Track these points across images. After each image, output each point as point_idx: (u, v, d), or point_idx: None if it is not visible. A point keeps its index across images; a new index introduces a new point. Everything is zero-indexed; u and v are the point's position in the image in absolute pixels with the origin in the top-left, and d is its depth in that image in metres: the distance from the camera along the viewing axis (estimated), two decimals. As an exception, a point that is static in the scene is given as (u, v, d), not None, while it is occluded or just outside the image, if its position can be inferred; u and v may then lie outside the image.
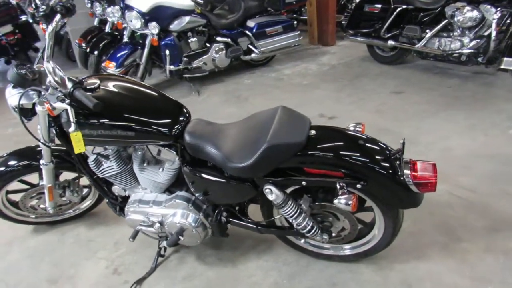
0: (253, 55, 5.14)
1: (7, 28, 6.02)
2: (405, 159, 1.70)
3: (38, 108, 1.80)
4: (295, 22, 5.42)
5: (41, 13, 1.86)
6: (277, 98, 4.42)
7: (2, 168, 2.21)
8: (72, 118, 1.63)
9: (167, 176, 1.97)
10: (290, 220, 1.83)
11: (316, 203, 1.88)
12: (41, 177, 2.25)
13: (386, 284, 1.96)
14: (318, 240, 1.97)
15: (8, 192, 2.37)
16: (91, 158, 2.04)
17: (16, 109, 1.84)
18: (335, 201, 1.65)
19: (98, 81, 1.83)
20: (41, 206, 2.45)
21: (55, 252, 2.43)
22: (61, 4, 1.87)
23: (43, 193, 2.31)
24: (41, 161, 2.13)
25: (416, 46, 4.45)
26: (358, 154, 1.64)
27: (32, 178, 2.35)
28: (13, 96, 1.83)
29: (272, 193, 1.73)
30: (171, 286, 2.09)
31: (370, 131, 3.33)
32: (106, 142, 1.84)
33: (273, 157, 1.65)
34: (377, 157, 1.65)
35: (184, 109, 1.94)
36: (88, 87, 1.79)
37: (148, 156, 2.03)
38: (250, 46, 5.11)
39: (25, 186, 2.41)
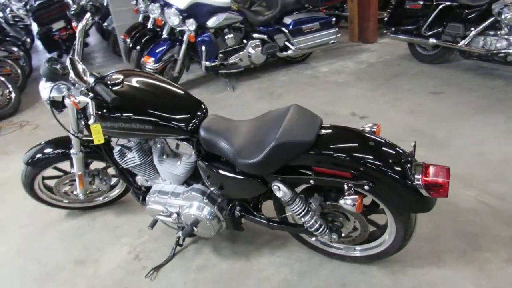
0: (289, 52, 5.14)
1: (60, 24, 6.40)
2: (418, 162, 1.66)
3: (67, 101, 1.93)
4: (334, 19, 5.35)
5: (73, 12, 1.98)
6: (310, 96, 4.41)
7: (39, 155, 2.39)
8: (92, 111, 1.74)
9: (184, 169, 2.05)
10: (298, 218, 1.84)
11: (328, 203, 1.88)
12: (72, 165, 2.41)
13: (396, 288, 1.93)
14: (327, 239, 1.96)
15: (44, 178, 2.55)
16: (116, 149, 2.16)
17: (48, 102, 1.99)
18: (341, 201, 1.64)
19: (121, 77, 1.94)
20: (73, 192, 2.62)
21: (85, 236, 2.59)
22: (91, 3, 1.99)
23: (75, 180, 2.47)
24: (71, 151, 2.28)
25: (459, 44, 4.25)
26: (367, 155, 1.63)
27: (66, 165, 2.51)
28: (45, 89, 1.98)
29: (280, 190, 1.76)
30: (185, 275, 2.18)
31: (401, 132, 3.28)
32: (127, 135, 1.94)
33: (281, 154, 1.68)
34: (386, 159, 1.63)
35: (202, 105, 2.00)
36: (111, 82, 1.90)
37: (167, 149, 2.12)
38: (286, 43, 5.11)
39: (60, 173, 2.59)
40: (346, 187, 1.65)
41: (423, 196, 1.62)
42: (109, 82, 1.91)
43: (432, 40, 4.52)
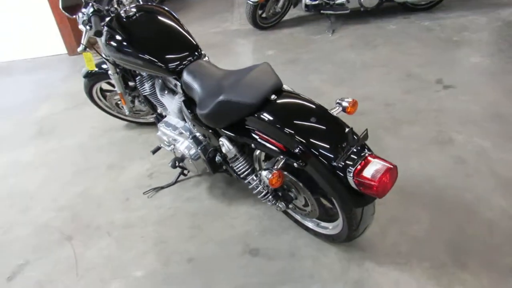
0: (408, -3, 4.50)
1: None
2: (365, 152, 1.46)
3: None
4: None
5: None
6: (407, 52, 3.88)
7: (96, 69, 2.76)
8: (83, 39, 1.94)
9: (177, 107, 2.17)
10: (241, 177, 1.83)
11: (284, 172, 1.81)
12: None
13: (339, 276, 1.81)
14: (275, 207, 1.90)
15: (101, 90, 2.97)
16: (138, 76, 2.38)
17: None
18: (262, 171, 1.57)
19: (134, 11, 2.08)
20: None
21: (127, 146, 3.00)
22: None
23: (124, 96, 2.81)
24: (109, 72, 2.58)
25: None
26: (305, 132, 1.49)
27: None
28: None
29: (224, 146, 1.76)
30: (173, 202, 2.40)
31: (478, 114, 2.79)
32: (127, 66, 2.12)
33: (224, 112, 1.65)
34: (325, 140, 1.47)
35: (199, 49, 2.03)
36: (125, 14, 2.07)
37: (168, 85, 2.24)
38: (408, -14, 4.47)
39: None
40: (279, 158, 1.57)
41: (354, 190, 1.44)
42: (123, 14, 2.08)
43: None
